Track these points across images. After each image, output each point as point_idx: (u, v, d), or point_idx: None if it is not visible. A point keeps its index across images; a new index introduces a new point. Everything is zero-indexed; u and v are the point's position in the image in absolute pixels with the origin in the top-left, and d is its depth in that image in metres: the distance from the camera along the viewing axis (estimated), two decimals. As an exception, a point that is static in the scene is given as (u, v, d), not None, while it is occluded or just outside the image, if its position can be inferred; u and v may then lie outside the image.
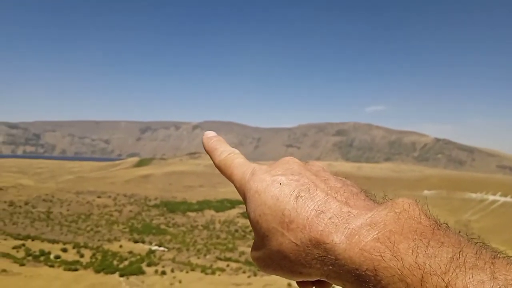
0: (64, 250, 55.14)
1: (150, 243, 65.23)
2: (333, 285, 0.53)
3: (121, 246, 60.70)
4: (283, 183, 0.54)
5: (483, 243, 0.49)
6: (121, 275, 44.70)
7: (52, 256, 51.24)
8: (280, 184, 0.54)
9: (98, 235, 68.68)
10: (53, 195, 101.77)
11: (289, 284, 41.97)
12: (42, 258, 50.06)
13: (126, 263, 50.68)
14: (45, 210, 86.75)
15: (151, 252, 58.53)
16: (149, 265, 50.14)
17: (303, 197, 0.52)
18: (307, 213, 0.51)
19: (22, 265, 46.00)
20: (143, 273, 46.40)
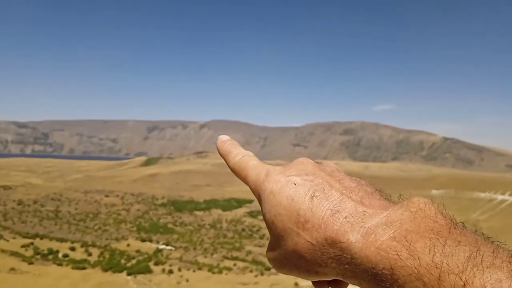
0: (72, 249, 55.49)
1: (158, 242, 65.41)
2: (350, 285, 0.53)
3: (128, 245, 60.94)
4: (297, 183, 0.55)
5: (499, 242, 0.49)
6: (129, 274, 44.86)
7: (60, 255, 51.55)
8: (295, 185, 0.54)
9: (106, 234, 69.03)
10: (62, 194, 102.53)
11: (296, 283, 41.86)
12: (50, 257, 50.38)
13: (134, 261, 50.85)
14: (53, 209, 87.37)
15: (159, 251, 58.71)
16: (156, 264, 50.29)
17: (318, 197, 0.52)
18: (322, 212, 0.51)
19: (31, 263, 46.29)
20: (150, 272, 46.52)
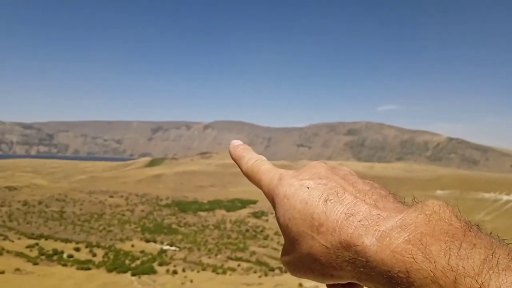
0: (77, 249, 55.62)
1: (162, 243, 65.42)
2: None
3: (133, 246, 61.00)
4: (311, 187, 0.55)
5: None
6: (133, 274, 44.91)
7: (65, 255, 51.67)
8: (308, 188, 0.55)
9: (110, 235, 69.10)
10: (66, 195, 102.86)
11: (300, 284, 41.83)
12: (55, 257, 50.49)
13: (138, 262, 50.90)
14: (58, 209, 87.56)
15: (163, 251, 58.73)
16: (160, 264, 50.31)
17: (332, 201, 0.52)
18: (337, 216, 0.51)
19: (36, 264, 46.44)
20: (154, 272, 46.55)
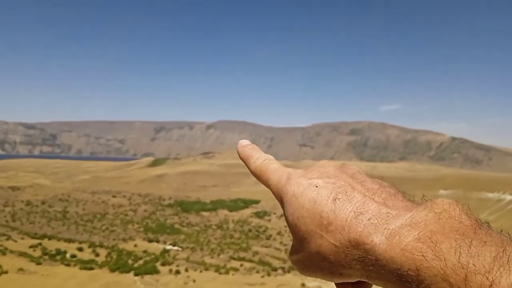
0: (80, 249, 55.66)
1: (165, 243, 65.44)
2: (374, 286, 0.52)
3: (135, 246, 61.03)
4: (319, 186, 0.55)
5: None
6: (136, 274, 44.88)
7: (68, 255, 51.67)
8: (317, 187, 0.55)
9: (113, 235, 69.15)
10: (69, 195, 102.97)
11: (303, 284, 41.77)
12: (58, 257, 50.49)
13: (141, 262, 50.89)
14: (61, 209, 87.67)
15: (166, 251, 58.73)
16: (163, 264, 50.28)
17: (340, 199, 0.52)
18: (346, 214, 0.51)
19: (39, 264, 46.45)
20: (157, 272, 46.52)
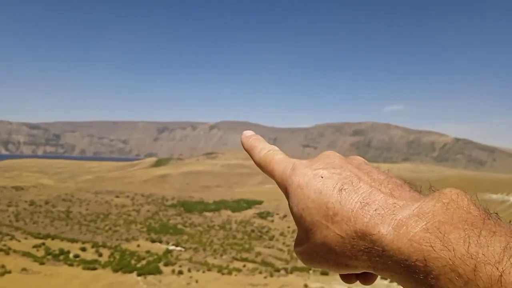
0: (83, 249, 55.76)
1: (167, 243, 65.49)
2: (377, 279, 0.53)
3: (138, 246, 61.10)
4: (325, 176, 0.54)
5: None
6: (139, 275, 44.92)
7: (71, 255, 51.79)
8: (322, 178, 0.54)
9: (116, 235, 69.26)
10: (73, 195, 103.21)
11: (306, 284, 41.72)
12: (61, 257, 50.62)
13: (144, 262, 50.92)
14: (64, 209, 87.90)
15: (168, 251, 58.76)
16: (166, 264, 50.29)
17: (346, 190, 0.52)
18: (352, 205, 0.50)
19: (42, 264, 46.57)
20: (160, 272, 46.54)
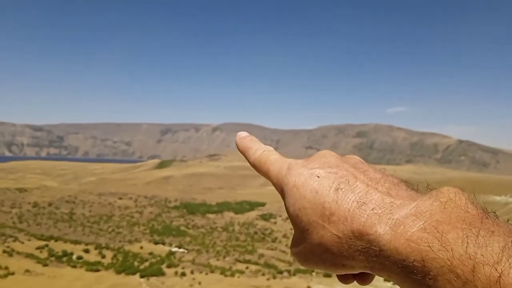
0: (86, 251, 55.92)
1: (170, 245, 65.54)
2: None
3: (141, 247, 61.20)
4: (321, 176, 0.53)
5: None
6: (142, 276, 45.06)
7: (74, 257, 51.99)
8: (318, 177, 0.53)
9: (119, 236, 69.39)
10: (76, 197, 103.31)
11: (308, 286, 41.69)
12: (64, 259, 50.81)
13: (147, 264, 51.06)
14: (68, 211, 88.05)
15: (171, 253, 58.85)
16: (169, 266, 50.41)
17: (343, 189, 0.51)
18: (348, 205, 0.49)
19: (45, 265, 46.80)
20: (163, 274, 46.65)
